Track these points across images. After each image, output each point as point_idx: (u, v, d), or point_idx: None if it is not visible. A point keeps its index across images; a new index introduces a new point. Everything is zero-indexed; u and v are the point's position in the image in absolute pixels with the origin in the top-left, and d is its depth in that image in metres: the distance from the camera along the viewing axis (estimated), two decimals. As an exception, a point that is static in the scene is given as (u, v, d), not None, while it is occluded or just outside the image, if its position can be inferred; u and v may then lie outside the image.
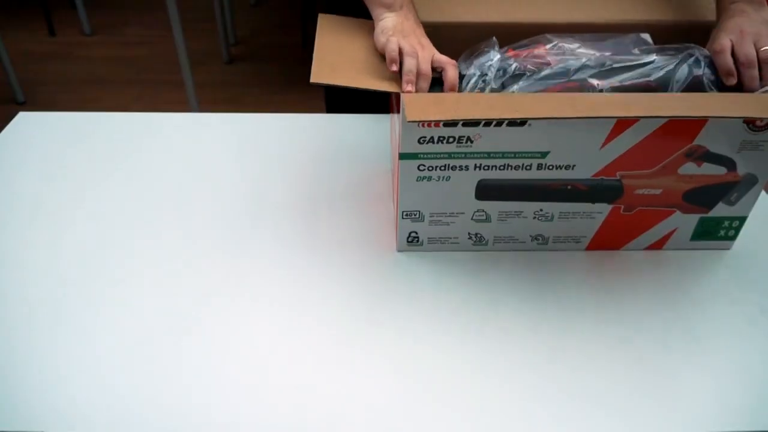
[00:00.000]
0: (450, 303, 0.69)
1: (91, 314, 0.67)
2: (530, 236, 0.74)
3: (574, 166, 0.67)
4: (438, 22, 0.79)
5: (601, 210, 0.71)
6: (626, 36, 0.75)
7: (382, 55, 0.72)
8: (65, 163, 0.88)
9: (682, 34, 0.81)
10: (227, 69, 2.53)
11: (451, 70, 0.70)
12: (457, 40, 0.78)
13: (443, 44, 0.77)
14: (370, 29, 0.76)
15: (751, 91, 0.68)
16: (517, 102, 0.64)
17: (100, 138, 0.94)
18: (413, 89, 0.69)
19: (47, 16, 2.73)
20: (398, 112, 0.67)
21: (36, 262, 0.73)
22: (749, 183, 0.70)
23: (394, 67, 0.70)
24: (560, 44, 0.73)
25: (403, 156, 0.66)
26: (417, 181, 0.68)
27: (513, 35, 0.76)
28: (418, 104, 0.63)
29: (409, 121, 0.60)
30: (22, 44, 2.62)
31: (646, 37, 0.75)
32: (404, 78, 0.69)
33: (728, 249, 0.77)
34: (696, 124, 0.64)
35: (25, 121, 0.97)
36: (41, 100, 2.30)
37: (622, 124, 0.63)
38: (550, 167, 0.67)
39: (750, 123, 0.64)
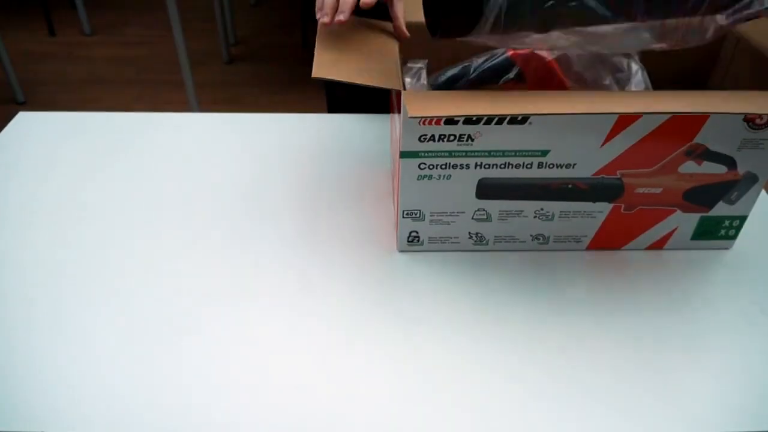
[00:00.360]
0: (451, 303, 0.69)
1: (91, 314, 0.67)
2: (531, 236, 0.74)
3: (574, 164, 0.67)
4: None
5: (602, 209, 0.72)
6: (625, 34, 0.75)
7: (382, 51, 0.72)
8: (65, 163, 0.88)
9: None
10: (227, 69, 2.53)
11: (397, 3, 0.67)
12: (455, 41, 0.78)
13: (442, 45, 0.77)
14: (371, 27, 0.76)
15: None
16: (519, 99, 0.64)
17: (100, 138, 0.94)
18: (328, 19, 0.65)
19: (47, 16, 2.73)
20: (398, 111, 0.67)
21: (35, 261, 0.73)
22: (749, 182, 0.70)
23: (322, 18, 0.67)
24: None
25: (403, 154, 0.66)
26: (418, 180, 0.68)
27: None
28: (420, 101, 0.63)
29: (410, 117, 0.60)
30: (22, 44, 2.62)
31: (648, 36, 0.75)
32: (316, 6, 0.65)
33: (728, 249, 0.77)
34: (696, 122, 0.64)
35: (25, 121, 0.97)
36: (41, 100, 2.30)
37: (623, 122, 0.63)
38: (551, 166, 0.67)
39: (750, 121, 0.64)
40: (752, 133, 0.65)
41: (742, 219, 0.74)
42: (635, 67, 0.75)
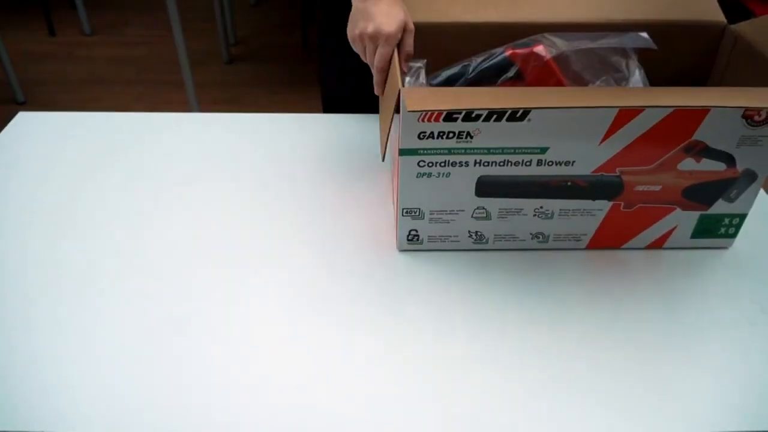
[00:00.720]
0: (450, 303, 0.69)
1: (91, 314, 0.67)
2: (530, 234, 0.74)
3: (573, 162, 0.67)
4: (437, 22, 0.78)
5: (602, 207, 0.72)
6: (624, 34, 0.75)
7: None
8: (65, 163, 0.88)
9: (681, 34, 0.81)
10: (227, 69, 2.53)
11: (406, 36, 0.72)
12: (455, 40, 0.78)
13: (442, 45, 0.76)
14: None
15: None
16: (518, 95, 0.64)
17: (100, 138, 0.94)
18: (380, 90, 0.72)
19: (47, 16, 2.73)
20: (398, 110, 0.67)
21: (35, 262, 0.73)
22: (748, 179, 0.70)
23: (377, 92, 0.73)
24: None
25: (403, 152, 0.66)
26: (417, 177, 0.68)
27: (512, 35, 0.76)
28: (418, 96, 0.63)
29: (409, 111, 0.59)
30: (22, 44, 2.62)
31: (646, 36, 0.75)
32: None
33: (728, 247, 0.77)
34: (695, 118, 0.64)
35: (24, 121, 0.97)
36: (41, 100, 2.30)
37: (622, 118, 0.63)
38: (550, 163, 0.67)
39: (749, 118, 0.64)
40: (751, 129, 0.65)
41: (742, 217, 0.74)
42: (633, 67, 0.75)
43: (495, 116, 0.62)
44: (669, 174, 0.68)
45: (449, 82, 0.76)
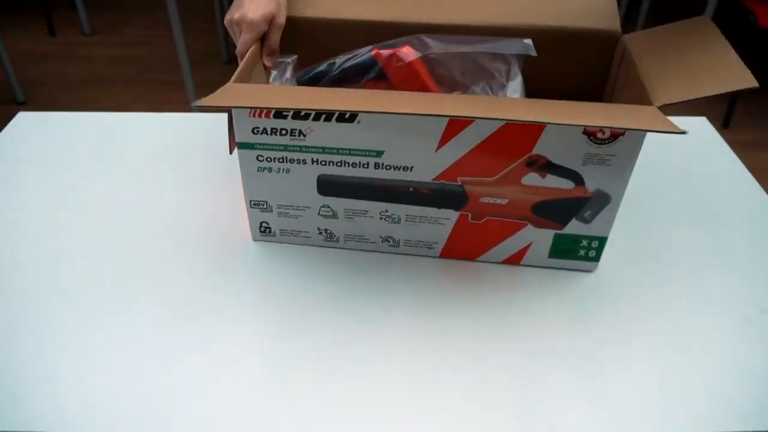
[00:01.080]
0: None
1: (90, 315, 0.67)
2: (380, 237, 0.73)
3: (411, 167, 0.65)
4: (317, 17, 0.77)
5: (449, 216, 0.69)
6: (506, 40, 0.73)
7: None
8: (65, 163, 0.88)
9: (567, 41, 0.76)
10: (227, 69, 2.53)
11: (272, 31, 0.71)
12: (335, 37, 0.77)
13: (320, 41, 0.76)
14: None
15: None
16: (342, 97, 0.62)
17: (100, 138, 0.94)
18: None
19: (47, 16, 2.73)
20: None
21: (35, 262, 0.73)
22: (602, 201, 0.66)
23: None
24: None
25: (240, 145, 0.66)
26: (258, 171, 0.68)
27: (393, 34, 0.74)
28: (224, 92, 0.60)
29: (192, 105, 0.58)
30: (22, 44, 2.62)
31: (528, 42, 0.72)
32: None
33: (593, 271, 0.73)
34: (532, 131, 0.61)
35: (24, 121, 0.97)
36: (41, 100, 2.30)
37: (453, 127, 0.61)
38: (388, 167, 0.65)
39: (591, 135, 0.60)
40: (596, 147, 0.61)
41: (602, 240, 0.70)
42: (514, 74, 0.73)
43: (324, 116, 0.62)
44: (514, 187, 0.65)
45: (315, 79, 0.75)
